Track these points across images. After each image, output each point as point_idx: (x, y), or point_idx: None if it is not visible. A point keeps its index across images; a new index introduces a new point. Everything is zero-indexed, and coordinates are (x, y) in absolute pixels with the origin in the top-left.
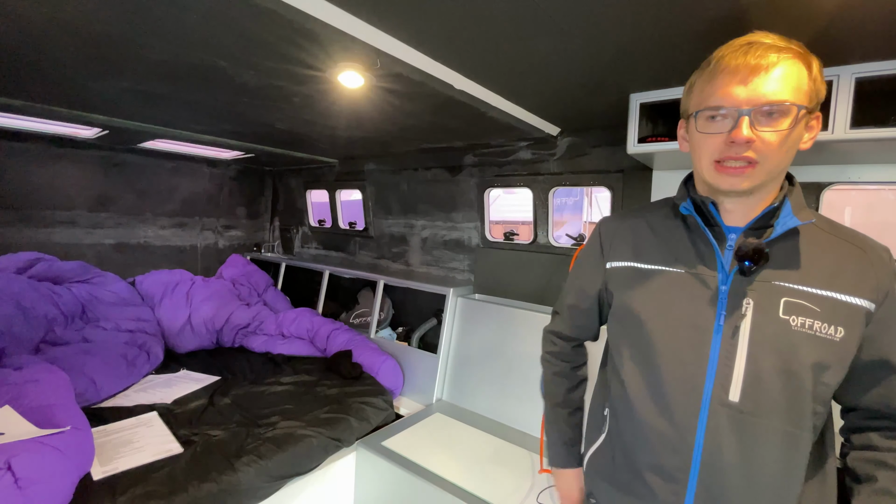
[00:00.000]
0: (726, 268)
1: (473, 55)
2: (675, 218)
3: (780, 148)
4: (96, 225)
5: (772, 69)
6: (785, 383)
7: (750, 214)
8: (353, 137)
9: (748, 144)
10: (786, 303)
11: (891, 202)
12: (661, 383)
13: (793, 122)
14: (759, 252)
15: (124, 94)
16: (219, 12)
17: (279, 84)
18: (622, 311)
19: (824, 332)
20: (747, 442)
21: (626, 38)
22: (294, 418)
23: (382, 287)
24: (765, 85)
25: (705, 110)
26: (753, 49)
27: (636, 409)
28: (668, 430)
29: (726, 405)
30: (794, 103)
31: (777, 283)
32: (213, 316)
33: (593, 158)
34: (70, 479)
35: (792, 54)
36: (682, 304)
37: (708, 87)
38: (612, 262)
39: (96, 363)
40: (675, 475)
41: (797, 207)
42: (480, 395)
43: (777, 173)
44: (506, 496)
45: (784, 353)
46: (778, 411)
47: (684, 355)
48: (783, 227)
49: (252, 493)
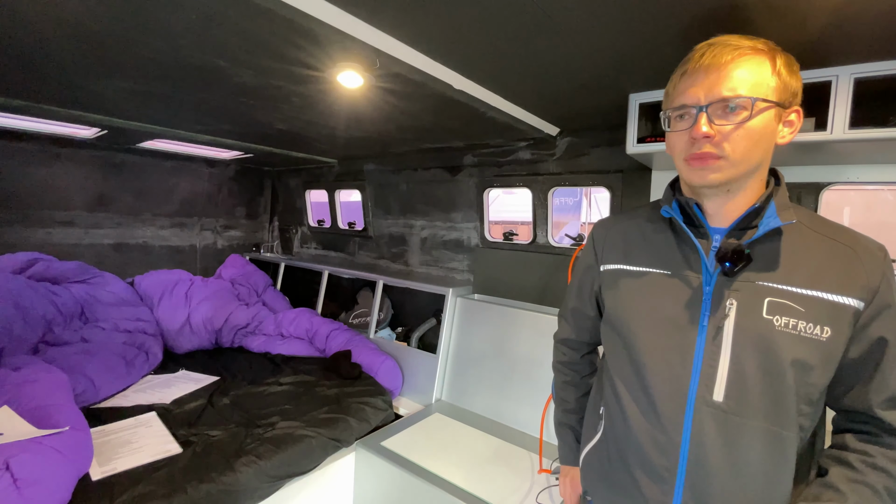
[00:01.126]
0: (710, 269)
1: (472, 55)
2: (662, 220)
3: (741, 140)
4: (95, 225)
5: (727, 66)
6: (768, 383)
7: (734, 215)
8: (352, 137)
9: (707, 139)
10: (769, 303)
11: (889, 202)
12: (648, 384)
13: (749, 115)
14: (739, 253)
15: (123, 93)
16: (217, 12)
17: (278, 84)
18: (611, 312)
19: (809, 332)
20: (732, 441)
21: (625, 37)
22: (293, 418)
23: (382, 287)
24: (721, 81)
25: (672, 110)
26: (712, 49)
27: (626, 410)
28: (656, 429)
29: (711, 405)
30: (749, 96)
31: (761, 283)
32: (212, 316)
33: (593, 159)
34: (68, 479)
35: (752, 51)
36: (668, 305)
37: (674, 90)
38: (606, 265)
39: (95, 363)
40: (663, 475)
41: (781, 207)
42: (480, 395)
43: (749, 167)
44: (505, 496)
45: (767, 353)
46: (761, 411)
47: (669, 356)
48: (766, 227)
49: (251, 494)
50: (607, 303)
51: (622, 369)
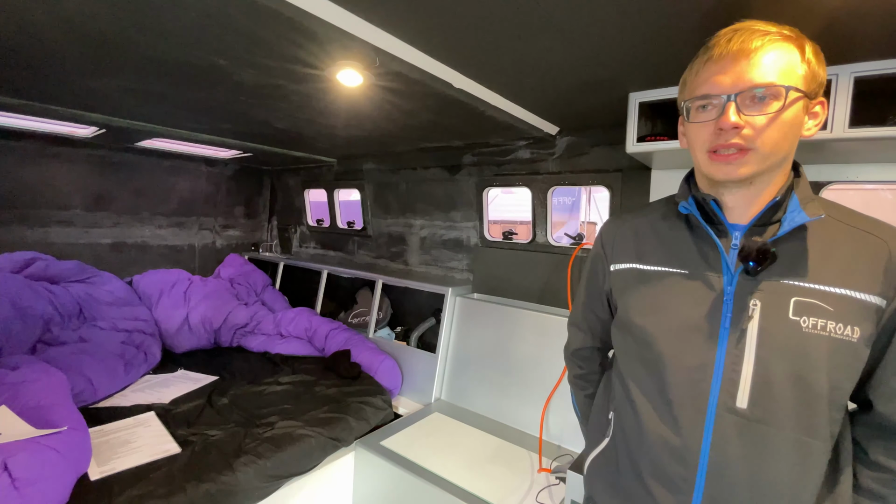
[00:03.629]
0: (731, 268)
1: (472, 54)
2: (678, 217)
3: (773, 132)
4: (93, 224)
5: (757, 53)
6: (797, 389)
7: (754, 209)
8: (351, 136)
9: (736, 130)
10: (796, 303)
11: (888, 201)
12: (666, 389)
13: (783, 105)
14: (765, 252)
15: (122, 92)
16: (216, 10)
17: (277, 82)
18: (626, 314)
19: (840, 333)
20: (756, 451)
21: (625, 36)
22: (292, 418)
23: (381, 286)
24: (750, 69)
25: (694, 100)
26: (738, 35)
27: (641, 415)
28: (673, 437)
29: (733, 412)
30: (783, 85)
31: (786, 281)
32: (211, 316)
33: (592, 158)
34: (67, 479)
35: (780, 37)
36: (687, 307)
37: (696, 78)
38: (616, 265)
39: (93, 363)
40: (679, 485)
41: (805, 200)
42: (479, 394)
43: (776, 160)
44: (505, 495)
45: (795, 357)
46: (790, 418)
47: (689, 360)
48: (791, 223)
49: (250, 493)
50: (620, 304)
51: (635, 372)
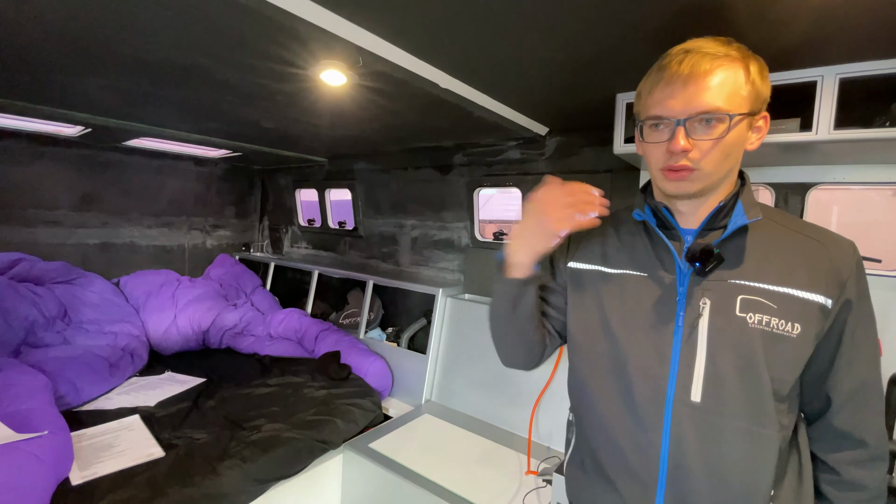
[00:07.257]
0: (683, 269)
1: (457, 53)
2: (636, 224)
3: (717, 154)
4: (80, 224)
5: (706, 77)
6: (746, 381)
7: (703, 215)
8: (338, 136)
9: (684, 154)
10: (742, 300)
11: (876, 202)
12: (630, 386)
13: (727, 128)
14: (708, 252)
15: (105, 91)
16: (195, 9)
17: (261, 82)
18: (586, 315)
19: (781, 329)
20: (711, 441)
21: (611, 36)
22: (280, 420)
23: (372, 287)
24: (698, 94)
25: (647, 120)
26: (689, 58)
27: (603, 413)
28: (636, 431)
29: (688, 405)
30: (728, 112)
31: (733, 281)
32: (200, 317)
33: (582, 158)
34: (47, 485)
35: (728, 60)
36: (644, 307)
37: (650, 97)
38: (577, 263)
39: (77, 366)
40: (643, 477)
41: (748, 206)
42: (470, 395)
43: (721, 176)
44: (493, 498)
45: (742, 351)
46: (740, 409)
47: (648, 357)
48: (734, 225)
49: (235, 497)
50: (576, 303)
51: (598, 372)
